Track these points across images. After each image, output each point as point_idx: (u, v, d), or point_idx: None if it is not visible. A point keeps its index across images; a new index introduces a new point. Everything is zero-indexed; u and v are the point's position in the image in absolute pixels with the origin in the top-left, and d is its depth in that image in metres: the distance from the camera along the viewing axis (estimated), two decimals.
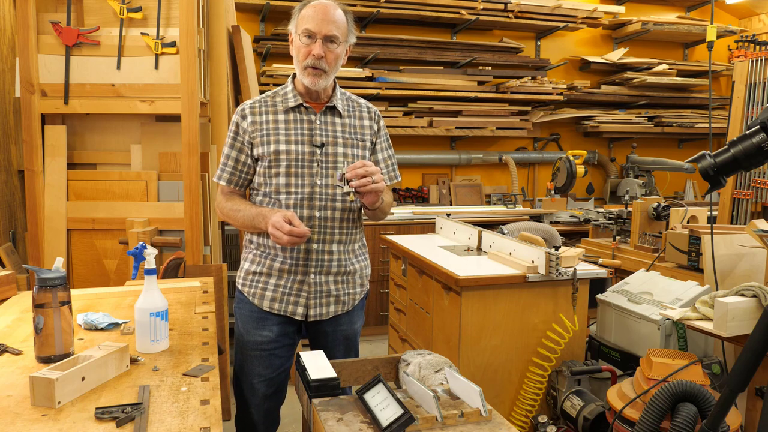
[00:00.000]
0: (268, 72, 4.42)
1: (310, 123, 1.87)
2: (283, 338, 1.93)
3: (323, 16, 1.78)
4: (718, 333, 1.76)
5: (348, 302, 1.96)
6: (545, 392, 2.39)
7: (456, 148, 5.28)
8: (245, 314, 1.94)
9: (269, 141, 1.84)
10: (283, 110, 1.87)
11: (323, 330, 1.96)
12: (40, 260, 2.88)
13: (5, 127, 3.20)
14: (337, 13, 1.81)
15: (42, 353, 1.38)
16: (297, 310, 1.89)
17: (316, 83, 1.83)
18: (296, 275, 1.87)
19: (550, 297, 2.38)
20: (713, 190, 1.58)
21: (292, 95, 1.88)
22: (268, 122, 1.86)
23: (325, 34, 1.78)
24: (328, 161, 1.86)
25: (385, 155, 2.01)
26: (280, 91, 1.92)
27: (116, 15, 2.86)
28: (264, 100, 1.90)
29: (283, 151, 1.83)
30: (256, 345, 1.92)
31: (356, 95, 2.03)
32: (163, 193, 2.96)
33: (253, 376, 1.93)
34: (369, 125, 1.96)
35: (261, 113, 1.87)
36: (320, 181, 1.85)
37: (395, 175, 2.04)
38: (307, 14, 1.79)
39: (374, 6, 4.53)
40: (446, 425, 1.27)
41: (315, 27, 1.77)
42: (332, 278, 1.91)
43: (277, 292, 1.89)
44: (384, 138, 2.01)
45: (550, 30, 5.22)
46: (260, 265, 1.92)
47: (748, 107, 3.76)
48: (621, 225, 3.23)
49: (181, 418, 1.14)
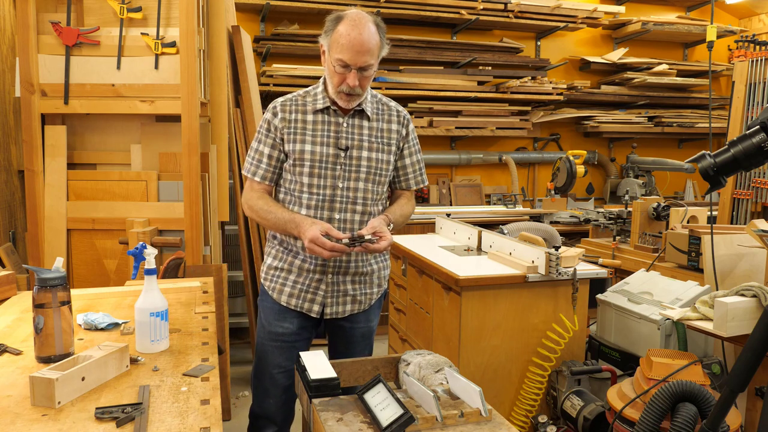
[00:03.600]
0: (268, 72, 4.42)
1: (338, 125, 1.89)
2: (302, 331, 1.98)
3: (359, 47, 1.75)
4: (718, 333, 1.76)
5: (365, 302, 1.99)
6: (545, 392, 2.39)
7: (456, 148, 5.28)
8: (267, 306, 1.99)
9: (296, 140, 1.87)
10: (312, 111, 1.89)
11: (341, 326, 2.00)
12: (40, 260, 2.88)
13: (5, 127, 3.20)
14: (372, 38, 1.78)
15: (42, 353, 1.38)
16: (313, 308, 1.94)
17: (349, 104, 1.86)
18: (314, 274, 1.91)
19: (550, 297, 2.38)
20: (713, 190, 1.58)
21: (321, 97, 1.90)
22: (297, 121, 1.88)
23: (360, 66, 1.78)
24: (351, 164, 1.88)
25: (413, 159, 2.03)
26: (311, 91, 1.93)
27: (116, 15, 2.86)
28: (295, 99, 1.91)
29: (308, 151, 1.86)
30: (277, 336, 1.97)
31: (387, 97, 2.03)
32: (163, 193, 2.96)
33: (273, 367, 1.98)
34: (397, 129, 1.97)
35: (291, 111, 1.89)
36: (342, 184, 1.87)
37: (422, 180, 2.07)
38: (342, 42, 1.75)
39: (374, 6, 4.53)
40: (446, 425, 1.27)
41: (350, 59, 1.76)
42: (349, 278, 1.94)
43: (295, 289, 1.93)
44: (413, 143, 2.03)
45: (550, 30, 5.22)
46: (282, 261, 1.95)
47: (748, 107, 3.76)
48: (621, 225, 3.23)
49: (181, 418, 1.14)
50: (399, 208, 2.00)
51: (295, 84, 4.37)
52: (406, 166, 2.02)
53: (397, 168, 2.01)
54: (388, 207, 2.02)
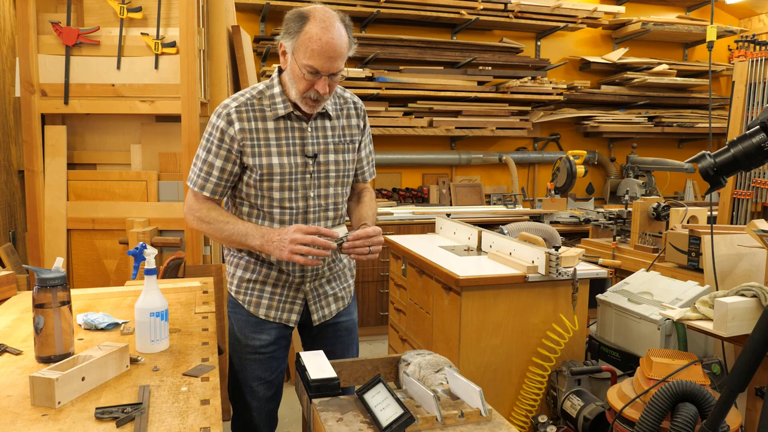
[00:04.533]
0: (268, 72, 4.42)
1: (302, 131, 1.75)
2: (281, 340, 1.91)
3: (331, 52, 1.59)
4: (718, 333, 1.76)
5: (346, 296, 1.96)
6: (545, 392, 2.39)
7: (456, 148, 5.28)
8: (241, 319, 1.89)
9: (260, 153, 1.71)
10: (273, 118, 1.72)
11: (325, 324, 1.94)
12: (40, 260, 2.88)
13: (5, 127, 3.20)
14: (343, 41, 1.62)
15: (42, 353, 1.38)
16: (291, 317, 1.87)
17: (314, 110, 1.73)
18: (292, 283, 1.85)
19: (550, 297, 2.38)
20: (713, 190, 1.58)
21: (281, 101, 1.72)
22: (257, 130, 1.71)
23: (332, 72, 1.63)
24: (320, 171, 1.78)
25: (367, 151, 1.95)
26: (266, 92, 1.74)
27: (116, 15, 2.86)
28: (250, 104, 1.72)
29: (276, 164, 1.71)
30: (254, 349, 1.88)
31: (342, 87, 1.89)
32: (163, 193, 2.97)
33: (253, 380, 1.89)
34: (356, 123, 1.87)
35: (249, 119, 1.70)
36: (313, 193, 1.78)
37: (374, 171, 2.01)
38: (312, 48, 1.58)
39: (374, 6, 4.53)
40: (446, 425, 1.27)
41: (322, 67, 1.60)
42: (326, 280, 1.91)
43: (273, 301, 1.85)
44: (367, 133, 1.94)
45: (550, 30, 5.22)
46: (256, 273, 1.84)
47: (748, 107, 3.76)
48: (621, 225, 3.23)
49: (181, 418, 1.14)
50: (370, 209, 1.91)
51: None
52: (362, 158, 1.92)
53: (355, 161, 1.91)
54: (357, 209, 1.93)
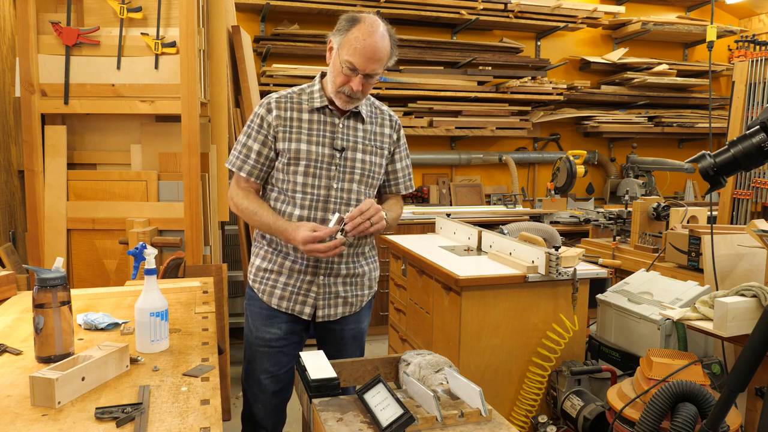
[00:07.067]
0: (268, 72, 4.42)
1: (333, 126, 1.87)
2: (291, 336, 1.95)
3: (371, 54, 1.74)
4: (718, 333, 1.76)
5: (356, 304, 1.98)
6: (545, 392, 2.39)
7: (456, 148, 5.28)
8: (255, 311, 1.96)
9: (291, 138, 1.84)
10: (308, 110, 1.86)
11: (331, 328, 1.98)
12: (40, 260, 2.88)
13: (5, 127, 3.20)
14: (385, 47, 1.77)
15: (42, 353, 1.38)
16: (304, 310, 1.92)
17: (347, 106, 1.85)
18: (306, 275, 1.90)
19: (550, 297, 2.38)
20: (713, 190, 1.58)
21: (318, 96, 1.88)
22: (292, 119, 1.85)
23: (368, 72, 1.77)
24: (346, 166, 1.87)
25: (403, 164, 2.04)
26: (307, 89, 1.90)
27: (116, 15, 2.86)
28: (290, 96, 1.88)
29: (304, 150, 1.84)
30: (265, 342, 1.94)
31: (380, 101, 2.04)
32: (163, 193, 2.96)
33: (261, 372, 1.95)
34: (389, 134, 1.97)
35: (286, 109, 1.86)
36: (336, 185, 1.86)
37: (411, 185, 2.08)
38: (355, 46, 1.74)
39: (374, 6, 4.53)
40: (446, 425, 1.27)
41: (360, 64, 1.74)
42: (341, 280, 1.93)
43: (286, 291, 1.91)
44: (403, 147, 2.04)
45: (550, 30, 5.22)
46: (272, 263, 1.92)
47: (748, 107, 3.76)
48: (621, 225, 3.23)
49: (181, 418, 1.14)
50: (389, 209, 1.99)
51: (295, 84, 4.35)
52: (396, 170, 2.03)
53: (388, 172, 2.02)
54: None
